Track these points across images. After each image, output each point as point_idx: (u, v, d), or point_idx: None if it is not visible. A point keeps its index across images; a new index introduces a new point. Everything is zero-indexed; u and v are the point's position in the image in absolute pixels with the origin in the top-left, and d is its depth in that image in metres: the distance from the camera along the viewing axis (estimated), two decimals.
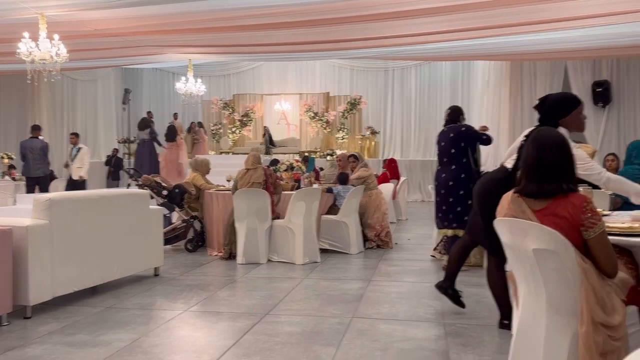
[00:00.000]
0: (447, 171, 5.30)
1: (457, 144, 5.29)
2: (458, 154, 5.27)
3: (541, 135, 2.35)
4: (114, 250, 4.62)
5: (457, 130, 5.35)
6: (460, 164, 5.24)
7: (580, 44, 8.93)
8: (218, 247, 6.37)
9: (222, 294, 4.61)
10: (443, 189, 5.32)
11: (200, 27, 7.83)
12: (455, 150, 5.28)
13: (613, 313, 2.10)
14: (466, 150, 5.25)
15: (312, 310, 4.09)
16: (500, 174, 3.44)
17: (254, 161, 6.18)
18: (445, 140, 5.40)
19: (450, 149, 5.32)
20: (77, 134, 10.78)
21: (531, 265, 2.23)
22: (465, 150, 5.25)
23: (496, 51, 9.88)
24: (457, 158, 5.26)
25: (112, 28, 7.68)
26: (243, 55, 12.07)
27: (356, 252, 6.49)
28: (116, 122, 16.75)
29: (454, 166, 5.27)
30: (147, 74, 17.98)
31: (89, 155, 10.51)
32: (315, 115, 16.55)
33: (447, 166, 5.34)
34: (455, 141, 5.30)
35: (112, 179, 14.33)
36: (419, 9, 6.64)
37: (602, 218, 2.24)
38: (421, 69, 16.89)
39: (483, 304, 4.17)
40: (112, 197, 4.79)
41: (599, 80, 10.74)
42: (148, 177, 6.90)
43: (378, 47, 9.67)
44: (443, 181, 5.32)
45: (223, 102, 16.90)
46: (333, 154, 14.55)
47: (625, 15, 6.72)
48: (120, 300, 4.37)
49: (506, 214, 2.34)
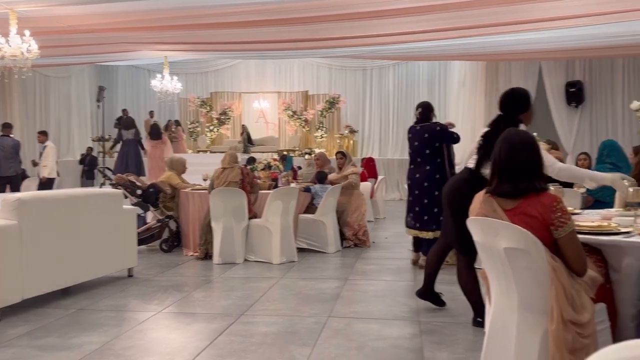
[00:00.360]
0: (421, 171, 5.26)
1: (431, 144, 5.24)
2: (432, 154, 5.24)
3: (512, 136, 2.39)
4: (86, 250, 4.53)
5: (431, 130, 5.28)
6: (434, 164, 5.22)
7: (554, 44, 9.08)
8: (194, 247, 6.31)
9: (198, 295, 4.56)
10: (417, 190, 5.28)
11: (176, 24, 7.73)
12: (429, 151, 5.23)
13: (582, 311, 2.13)
14: (441, 150, 5.24)
15: (289, 310, 4.08)
16: (466, 174, 3.54)
17: (231, 160, 6.13)
18: (419, 140, 5.33)
19: (424, 149, 5.26)
20: (44, 132, 10.47)
21: (502, 264, 2.25)
22: (440, 150, 5.25)
23: (472, 51, 9.98)
24: (432, 158, 5.23)
25: (85, 24, 7.54)
26: (220, 52, 11.97)
27: (334, 251, 6.48)
28: (90, 120, 16.47)
29: (429, 167, 5.23)
30: (122, 71, 17.70)
31: (52, 153, 10.05)
32: (293, 114, 16.52)
33: (421, 166, 5.28)
34: (430, 141, 5.25)
35: (86, 178, 14.08)
36: (396, 9, 6.66)
37: (572, 217, 2.28)
38: (399, 68, 16.98)
39: (458, 302, 4.20)
40: (84, 196, 4.71)
41: (572, 80, 10.94)
42: (122, 176, 6.79)
43: (356, 46, 9.68)
44: (417, 182, 5.29)
45: (200, 100, 16.75)
46: (311, 152, 14.54)
47: (597, 17, 6.85)
48: (92, 301, 4.30)
49: (478, 214, 2.36)
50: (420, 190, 5.22)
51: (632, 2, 6.27)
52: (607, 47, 9.29)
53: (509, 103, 3.50)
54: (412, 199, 5.34)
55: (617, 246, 2.37)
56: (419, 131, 5.35)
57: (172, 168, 6.99)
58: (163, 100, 13.75)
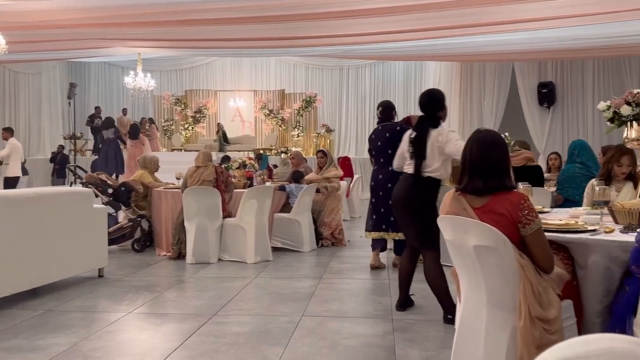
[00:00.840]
0: (384, 172, 5.10)
1: (394, 143, 4.62)
2: (394, 154, 5.04)
3: (484, 136, 2.41)
4: (54, 250, 4.43)
5: (392, 129, 5.10)
6: None
7: (527, 46, 9.23)
8: (166, 246, 6.23)
9: (170, 295, 4.50)
10: (381, 191, 5.13)
11: (150, 20, 7.62)
12: (392, 151, 4.62)
13: (549, 307, 2.16)
14: None
15: (262, 309, 4.05)
16: (409, 179, 3.76)
17: (205, 158, 6.07)
18: (382, 140, 5.16)
19: (387, 149, 5.04)
20: (8, 129, 10.16)
21: (472, 262, 2.27)
22: None
23: (447, 52, 10.08)
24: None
25: (57, 20, 7.38)
26: (196, 50, 11.87)
27: (309, 250, 6.48)
28: (62, 118, 16.15)
29: (392, 167, 4.61)
30: (95, 68, 17.41)
31: (14, 151, 9.66)
32: (270, 113, 16.46)
33: (385, 167, 5.06)
34: (391, 141, 4.96)
35: (57, 176, 13.81)
36: (372, 9, 6.69)
37: (539, 215, 2.31)
38: (375, 68, 17.07)
39: (429, 300, 4.22)
40: (53, 195, 4.60)
41: (544, 81, 11.14)
42: (92, 175, 6.67)
43: (333, 45, 9.70)
44: (381, 183, 5.15)
45: (175, 98, 16.56)
46: (287, 151, 14.50)
47: (568, 19, 6.98)
48: (61, 302, 4.20)
49: (448, 212, 2.38)
50: (384, 192, 5.05)
51: (601, 5, 6.42)
52: (578, 49, 9.49)
53: (430, 103, 3.79)
54: (376, 200, 5.22)
55: (584, 244, 2.41)
56: (381, 131, 5.22)
57: (144, 166, 6.89)
58: (136, 98, 13.54)
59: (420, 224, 3.68)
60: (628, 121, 3.21)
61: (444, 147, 3.62)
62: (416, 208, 3.68)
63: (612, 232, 2.53)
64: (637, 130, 3.20)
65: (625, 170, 3.65)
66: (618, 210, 2.79)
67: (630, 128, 3.22)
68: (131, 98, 14.43)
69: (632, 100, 3.18)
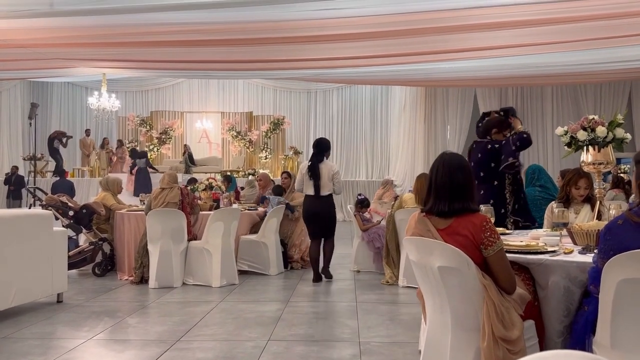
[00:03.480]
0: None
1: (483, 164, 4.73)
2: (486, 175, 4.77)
3: (450, 159, 2.45)
4: (11, 275, 4.26)
5: (483, 148, 4.84)
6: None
7: (488, 72, 9.53)
8: (129, 270, 6.07)
9: (131, 321, 4.37)
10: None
11: (116, 41, 7.55)
12: (483, 173, 4.72)
13: (512, 328, 2.19)
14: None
15: (227, 334, 3.98)
16: (328, 198, 5.90)
17: (170, 180, 5.98)
18: (474, 160, 4.90)
19: (478, 171, 4.81)
20: None
21: (437, 282, 2.29)
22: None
23: (411, 77, 10.31)
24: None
25: (19, 39, 7.23)
26: (162, 71, 11.79)
27: (276, 273, 6.41)
28: (22, 138, 15.72)
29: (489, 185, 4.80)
30: (57, 88, 17.08)
31: None
32: (238, 134, 16.42)
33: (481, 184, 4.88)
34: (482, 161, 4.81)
35: (13, 198, 13.37)
36: (340, 34, 6.81)
37: (501, 237, 2.36)
38: (343, 92, 17.30)
39: (396, 322, 4.25)
40: (9, 218, 4.44)
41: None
42: (53, 196, 6.48)
43: (300, 68, 9.80)
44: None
45: (140, 119, 16.36)
46: (255, 173, 14.45)
47: (528, 47, 7.26)
48: (17, 329, 4.03)
49: (414, 233, 2.40)
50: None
51: (559, 35, 6.70)
52: (537, 76, 9.84)
53: (321, 146, 5.95)
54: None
55: (544, 265, 2.47)
56: (475, 149, 4.97)
57: (107, 188, 6.74)
58: (100, 119, 13.33)
59: (333, 225, 6.03)
60: (584, 146, 3.33)
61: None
62: (331, 217, 6.00)
63: (571, 252, 2.60)
64: (593, 154, 3.32)
65: (583, 193, 3.78)
66: (577, 232, 2.88)
67: (587, 152, 3.34)
68: (95, 119, 14.18)
69: (588, 126, 3.31)
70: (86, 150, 15.31)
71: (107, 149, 14.81)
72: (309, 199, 5.91)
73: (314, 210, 5.88)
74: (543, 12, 5.80)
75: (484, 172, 4.75)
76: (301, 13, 6.14)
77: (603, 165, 3.32)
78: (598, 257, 2.19)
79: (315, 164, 5.85)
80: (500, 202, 4.76)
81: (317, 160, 5.87)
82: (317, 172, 5.81)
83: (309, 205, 5.91)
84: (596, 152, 3.30)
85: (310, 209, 5.90)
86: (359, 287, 5.67)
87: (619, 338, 2.03)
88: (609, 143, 3.30)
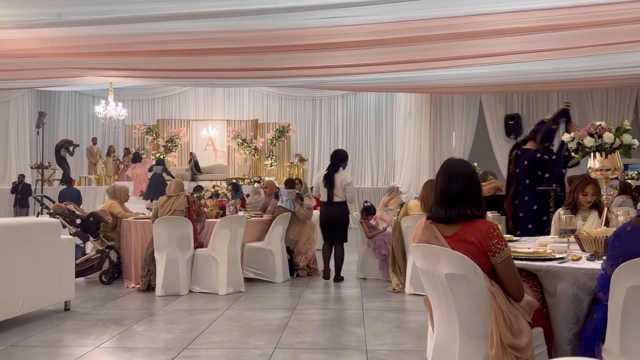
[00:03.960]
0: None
1: (530, 171, 5.05)
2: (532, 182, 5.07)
3: (450, 165, 2.44)
4: (18, 283, 4.28)
5: (532, 156, 5.13)
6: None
7: (494, 79, 9.52)
8: (135, 278, 6.08)
9: (138, 329, 4.38)
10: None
11: (122, 50, 7.60)
12: (529, 180, 5.06)
13: (520, 335, 2.18)
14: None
15: (234, 342, 3.97)
16: (341, 205, 6.39)
17: (176, 188, 6.01)
18: (520, 167, 5.14)
19: (524, 177, 5.10)
20: None
21: (444, 290, 2.29)
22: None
23: (417, 84, 10.32)
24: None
25: (27, 48, 7.29)
26: (169, 80, 11.85)
27: (282, 281, 6.41)
28: (30, 147, 15.83)
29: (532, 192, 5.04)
30: (65, 97, 17.20)
31: None
32: (243, 142, 16.47)
33: (525, 192, 5.09)
34: (528, 169, 5.07)
35: (20, 206, 13.44)
36: (344, 42, 6.83)
37: (508, 244, 2.35)
38: (348, 99, 17.33)
39: (403, 330, 4.23)
40: (17, 226, 4.47)
41: (511, 113, 11.46)
42: (60, 205, 6.51)
43: (306, 76, 9.82)
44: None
45: (146, 127, 16.44)
46: (260, 181, 14.47)
47: (534, 54, 7.25)
48: (25, 337, 4.05)
49: (420, 240, 2.40)
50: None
51: (564, 41, 6.70)
52: (542, 82, 9.83)
53: (337, 157, 6.53)
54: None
55: (552, 271, 2.46)
56: (521, 156, 5.21)
57: (114, 196, 6.77)
58: (107, 127, 13.43)
59: (344, 229, 6.51)
60: (591, 152, 3.32)
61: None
62: (344, 221, 6.49)
63: (579, 259, 2.59)
64: (600, 160, 3.31)
65: (590, 199, 3.76)
66: (584, 239, 2.87)
67: (594, 159, 3.33)
68: (102, 127, 14.27)
69: (595, 132, 3.30)
70: (93, 159, 15.39)
71: (113, 157, 14.88)
72: (324, 205, 6.46)
73: (326, 216, 6.43)
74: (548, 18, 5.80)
75: (530, 180, 4.91)
76: (307, 22, 6.17)
77: (610, 171, 3.31)
78: (607, 264, 2.18)
79: (330, 173, 6.39)
80: (544, 210, 4.86)
81: (332, 170, 6.40)
82: (332, 181, 6.33)
83: (323, 211, 6.48)
84: (603, 159, 3.29)
85: (324, 214, 6.45)
86: (366, 294, 5.66)
87: (629, 345, 2.01)
88: (616, 149, 3.28)
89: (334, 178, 6.36)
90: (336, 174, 6.39)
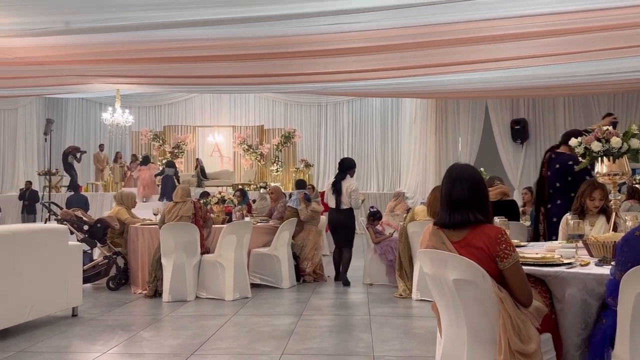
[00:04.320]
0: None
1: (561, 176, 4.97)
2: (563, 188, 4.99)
3: (455, 171, 2.44)
4: (27, 289, 4.31)
5: (564, 162, 5.00)
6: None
7: (500, 84, 9.50)
8: (142, 284, 6.10)
9: (145, 334, 4.39)
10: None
11: (129, 57, 7.65)
12: (559, 184, 4.99)
13: (529, 341, 2.17)
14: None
15: (241, 348, 3.97)
16: (348, 212, 6.62)
17: (183, 194, 6.03)
18: (552, 170, 5.11)
19: (554, 181, 5.07)
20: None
21: (452, 295, 2.28)
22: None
23: (422, 89, 10.31)
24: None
25: (34, 56, 7.36)
26: (175, 86, 11.91)
27: (288, 287, 6.41)
28: (37, 153, 15.94)
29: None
30: (72, 104, 17.32)
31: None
32: (249, 148, 16.51)
33: (557, 197, 5.03)
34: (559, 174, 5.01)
35: (27, 212, 13.51)
36: (350, 48, 6.84)
37: (517, 249, 2.34)
38: (353, 104, 17.35)
39: (410, 336, 4.22)
40: (25, 233, 4.50)
41: (517, 118, 11.43)
42: (67, 211, 6.55)
43: (311, 82, 9.84)
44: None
45: (153, 134, 16.52)
46: (266, 186, 14.48)
47: (540, 59, 7.24)
48: (33, 343, 4.07)
49: (427, 245, 2.40)
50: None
51: (570, 45, 6.68)
52: (548, 87, 9.80)
53: (343, 165, 6.82)
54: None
55: (560, 277, 2.44)
56: (554, 160, 5.16)
57: (121, 203, 6.80)
58: (114, 134, 13.50)
59: (350, 234, 6.80)
60: (599, 157, 3.31)
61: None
62: (350, 227, 6.78)
63: (588, 265, 2.58)
64: (608, 165, 3.30)
65: (598, 204, 3.74)
66: (593, 244, 2.85)
67: (601, 163, 3.32)
68: (109, 134, 14.36)
69: (602, 137, 3.29)
70: (100, 165, 15.47)
71: (120, 163, 14.95)
72: (332, 211, 6.75)
73: (334, 221, 6.76)
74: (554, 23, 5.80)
75: (560, 184, 4.91)
76: (312, 28, 6.19)
77: (618, 176, 3.29)
78: (615, 269, 2.17)
79: (338, 180, 6.68)
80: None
81: (339, 178, 6.69)
82: (339, 188, 6.60)
83: (331, 216, 6.80)
84: (611, 163, 3.27)
85: (331, 220, 6.80)
86: (372, 300, 5.64)
87: (639, 351, 2.00)
88: (624, 154, 3.27)
89: (341, 185, 6.61)
90: (343, 181, 6.64)
